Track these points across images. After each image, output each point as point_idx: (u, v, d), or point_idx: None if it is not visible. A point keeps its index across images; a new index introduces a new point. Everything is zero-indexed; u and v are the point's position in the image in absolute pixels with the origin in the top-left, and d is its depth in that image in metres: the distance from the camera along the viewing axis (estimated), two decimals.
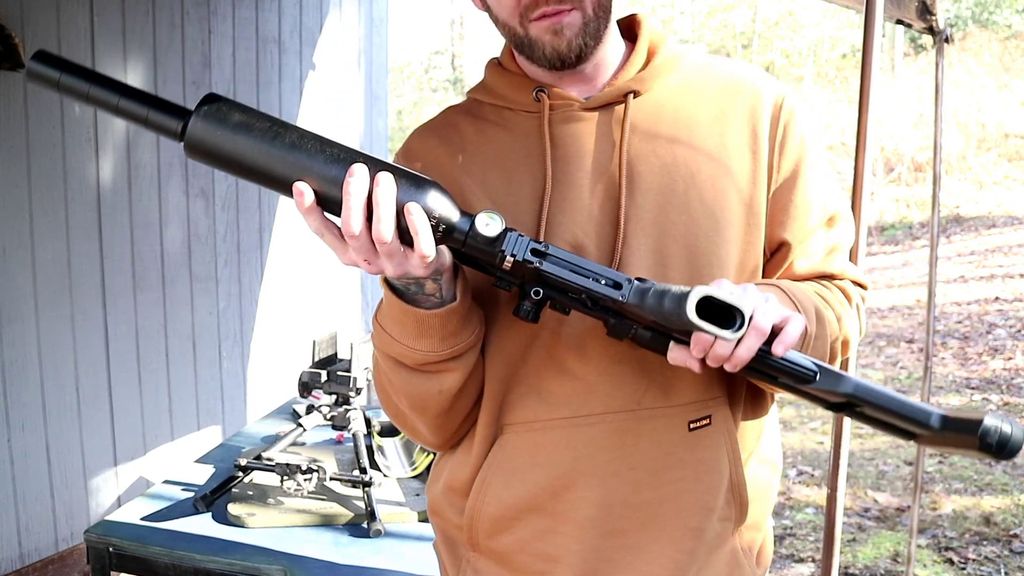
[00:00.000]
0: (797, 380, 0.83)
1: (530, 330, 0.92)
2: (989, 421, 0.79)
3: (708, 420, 0.92)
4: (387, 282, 0.88)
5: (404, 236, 0.78)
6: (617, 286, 0.81)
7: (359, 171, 0.76)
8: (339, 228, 0.78)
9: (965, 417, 0.82)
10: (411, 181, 0.79)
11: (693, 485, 0.92)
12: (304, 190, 0.75)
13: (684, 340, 0.82)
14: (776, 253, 0.99)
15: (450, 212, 0.80)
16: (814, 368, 0.82)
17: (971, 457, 0.89)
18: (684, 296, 0.73)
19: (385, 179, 0.76)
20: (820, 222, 0.98)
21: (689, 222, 0.91)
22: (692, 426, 0.91)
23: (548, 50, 0.90)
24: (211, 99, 0.78)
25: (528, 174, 0.94)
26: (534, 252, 0.81)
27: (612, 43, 0.97)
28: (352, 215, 0.75)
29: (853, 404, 0.84)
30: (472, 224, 0.80)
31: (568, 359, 0.92)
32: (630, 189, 0.92)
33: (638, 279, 0.82)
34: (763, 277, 1.00)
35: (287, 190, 0.77)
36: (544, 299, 0.85)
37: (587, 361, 0.91)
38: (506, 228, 0.81)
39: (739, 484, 0.95)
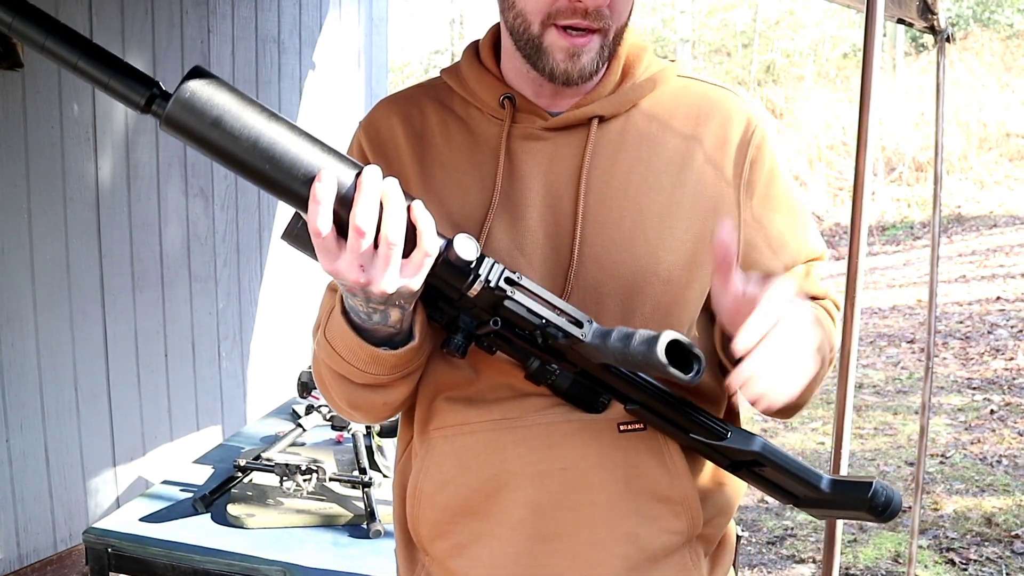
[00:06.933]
0: (710, 435, 0.88)
1: None
2: (878, 484, 0.86)
3: (642, 426, 0.90)
4: (344, 312, 0.85)
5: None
6: (578, 324, 0.81)
7: (373, 168, 0.73)
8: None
9: (854, 480, 0.89)
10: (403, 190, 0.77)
11: (624, 488, 0.90)
12: (327, 179, 0.71)
13: (617, 399, 0.87)
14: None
15: None
16: (725, 427, 0.88)
17: (852, 519, 0.95)
18: (655, 339, 0.75)
19: (391, 180, 0.74)
20: (795, 256, 0.98)
21: (629, 260, 0.89)
22: (622, 428, 0.89)
23: (558, 67, 0.87)
24: (197, 75, 0.72)
25: (479, 183, 0.92)
26: (507, 280, 0.80)
27: None
28: (363, 208, 0.71)
29: (758, 462, 0.88)
30: (450, 243, 0.77)
31: (501, 369, 0.90)
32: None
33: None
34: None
35: (271, 184, 0.72)
36: (478, 336, 0.85)
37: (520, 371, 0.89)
38: (483, 253, 0.79)
39: (687, 498, 0.92)
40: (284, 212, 3.70)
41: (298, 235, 0.80)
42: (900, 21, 2.35)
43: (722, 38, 17.23)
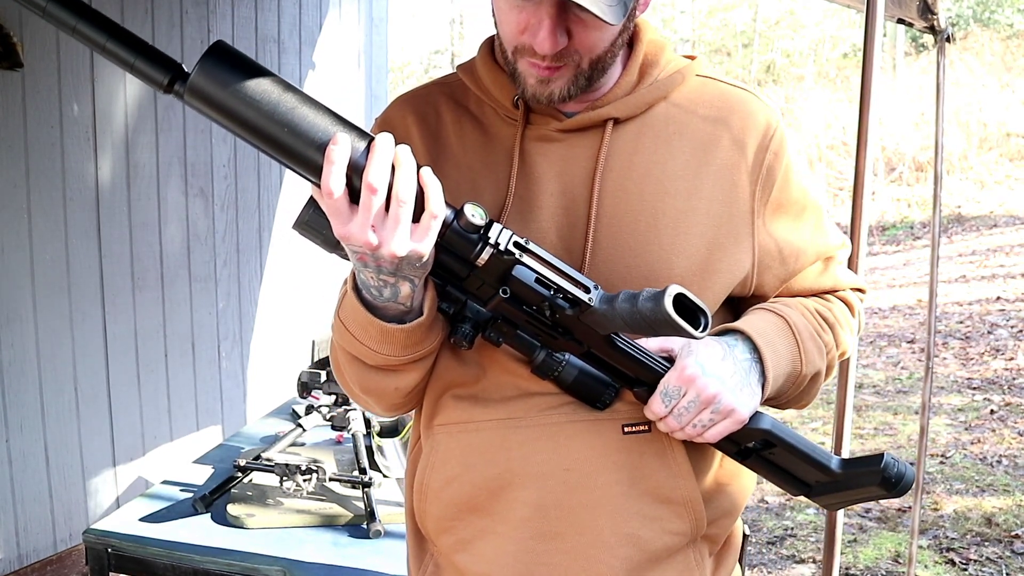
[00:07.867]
0: None
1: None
2: (889, 456, 0.88)
3: (647, 427, 0.91)
4: (356, 289, 0.86)
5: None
6: (585, 289, 0.82)
7: (386, 135, 0.76)
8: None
9: (865, 456, 0.89)
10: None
11: (628, 490, 0.90)
12: (342, 141, 0.73)
13: (624, 383, 0.89)
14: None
15: None
16: None
17: (863, 500, 0.94)
18: (661, 293, 0.76)
19: (403, 145, 0.76)
20: (803, 259, 0.98)
21: (642, 264, 0.89)
22: (627, 430, 0.89)
23: (528, 92, 0.88)
24: (218, 47, 0.74)
25: (492, 183, 0.92)
26: (516, 245, 0.81)
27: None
28: (377, 167, 0.74)
29: (767, 443, 0.89)
30: (459, 212, 0.79)
31: (507, 368, 0.91)
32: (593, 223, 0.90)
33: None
34: (744, 305, 1.00)
35: (287, 150, 0.74)
36: (484, 326, 0.86)
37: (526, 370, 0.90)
38: (491, 220, 0.81)
39: (690, 500, 0.92)
40: (283, 212, 3.70)
41: (309, 222, 0.82)
42: (900, 21, 2.35)
43: (722, 38, 17.23)
